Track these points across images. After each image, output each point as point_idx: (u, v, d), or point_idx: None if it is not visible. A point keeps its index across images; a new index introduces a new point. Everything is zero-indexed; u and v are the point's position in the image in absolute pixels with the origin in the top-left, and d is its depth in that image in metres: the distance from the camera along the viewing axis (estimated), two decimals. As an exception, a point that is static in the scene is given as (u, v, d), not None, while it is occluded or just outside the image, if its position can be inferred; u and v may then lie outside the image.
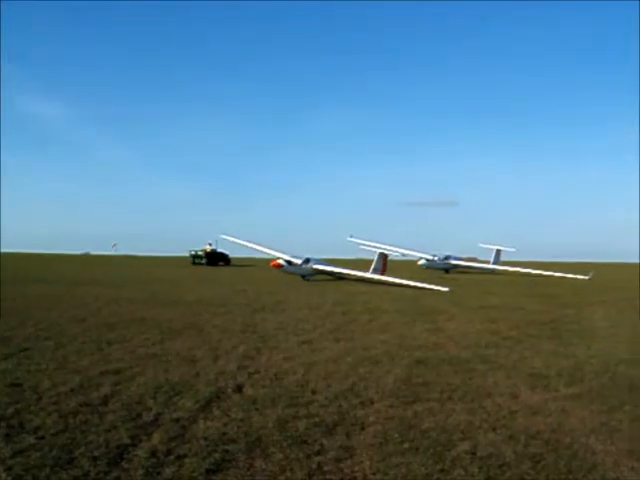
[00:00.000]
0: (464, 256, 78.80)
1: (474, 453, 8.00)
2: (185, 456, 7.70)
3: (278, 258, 48.97)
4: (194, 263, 79.55)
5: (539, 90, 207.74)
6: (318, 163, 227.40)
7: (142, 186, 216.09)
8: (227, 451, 7.94)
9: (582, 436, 8.85)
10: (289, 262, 47.72)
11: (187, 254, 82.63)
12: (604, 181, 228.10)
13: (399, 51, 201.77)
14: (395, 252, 55.98)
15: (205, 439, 8.37)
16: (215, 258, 79.27)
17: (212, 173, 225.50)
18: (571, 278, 57.10)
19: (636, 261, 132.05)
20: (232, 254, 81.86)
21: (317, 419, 9.38)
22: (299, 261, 47.74)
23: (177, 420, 9.20)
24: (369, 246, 55.47)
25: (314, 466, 7.50)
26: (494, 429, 9.03)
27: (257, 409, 9.93)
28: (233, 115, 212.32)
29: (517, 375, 12.79)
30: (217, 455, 7.76)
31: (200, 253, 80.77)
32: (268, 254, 55.41)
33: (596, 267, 71.90)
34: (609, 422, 9.58)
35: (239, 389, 11.23)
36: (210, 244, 79.45)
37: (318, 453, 7.93)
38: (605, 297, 35.34)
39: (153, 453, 7.75)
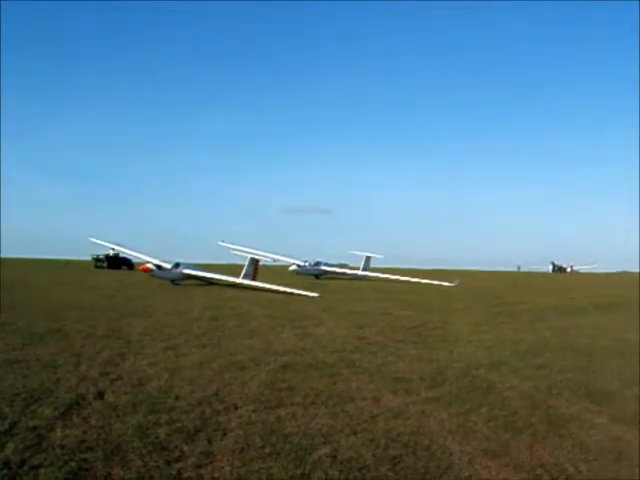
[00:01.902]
0: (335, 262, 79.74)
1: (335, 457, 8.08)
2: (40, 466, 7.43)
3: (148, 262, 48.18)
4: (96, 267, 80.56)
5: (408, 103, 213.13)
6: (199, 166, 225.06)
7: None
8: (85, 460, 7.71)
9: (440, 438, 9.09)
10: (158, 266, 46.93)
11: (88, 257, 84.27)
12: (470, 192, 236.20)
13: (277, 56, 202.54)
14: (266, 257, 56.02)
15: (62, 448, 8.10)
16: (117, 262, 79.86)
17: (85, 175, 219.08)
18: (437, 285, 58.62)
19: (501, 268, 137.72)
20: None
21: (179, 425, 9.25)
22: (169, 265, 47.05)
23: (34, 428, 8.86)
24: (240, 251, 55.27)
25: (174, 473, 7.40)
26: (355, 433, 9.15)
27: (118, 416, 9.70)
28: (113, 115, 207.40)
29: (380, 379, 13.01)
30: (74, 464, 7.52)
31: (102, 257, 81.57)
32: (140, 259, 54.48)
33: (462, 274, 74.27)
34: (466, 423, 9.89)
35: (100, 395, 10.94)
36: (113, 249, 78.18)
37: (178, 459, 7.82)
38: (470, 303, 36.44)
39: (5, 464, 7.44)
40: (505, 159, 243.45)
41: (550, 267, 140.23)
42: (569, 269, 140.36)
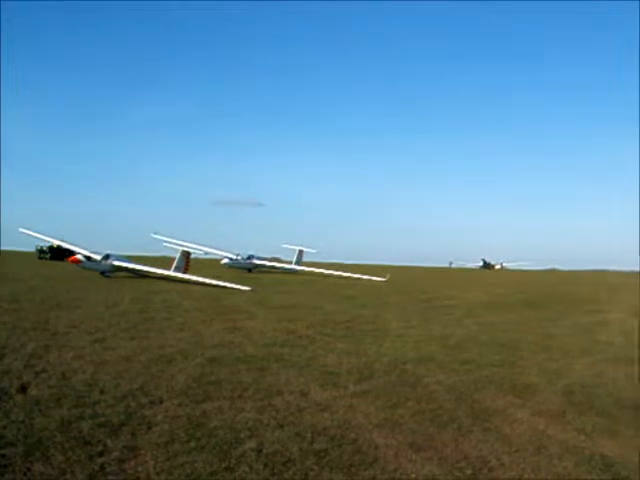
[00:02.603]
0: (268, 256, 79.60)
1: (260, 450, 8.07)
2: (-46, 464, 7.24)
3: (78, 253, 47.27)
4: (40, 258, 77.53)
5: (341, 97, 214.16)
6: (130, 157, 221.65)
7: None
8: (3, 455, 7.54)
9: (366, 431, 9.16)
10: (88, 258, 45.97)
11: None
12: (404, 188, 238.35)
13: (211, 50, 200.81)
14: (198, 250, 55.57)
15: (-21, 444, 7.92)
16: (60, 254, 77.11)
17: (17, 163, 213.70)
18: (369, 279, 58.95)
19: (433, 264, 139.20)
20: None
21: (103, 419, 9.12)
22: (98, 257, 46.18)
23: (-50, 425, 8.65)
24: (173, 243, 54.67)
25: (96, 467, 7.29)
26: (282, 426, 9.15)
27: (40, 410, 9.52)
28: (49, 103, 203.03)
29: (309, 373, 13.04)
30: (-9, 460, 7.35)
31: (45, 248, 78.55)
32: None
33: (394, 269, 74.90)
34: (393, 417, 9.98)
35: (23, 389, 10.71)
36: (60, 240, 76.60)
37: (101, 454, 7.71)
38: (400, 298, 36.73)
39: None
40: (437, 158, 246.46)
41: (481, 263, 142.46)
42: (499, 266, 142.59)
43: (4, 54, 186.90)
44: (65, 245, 57.17)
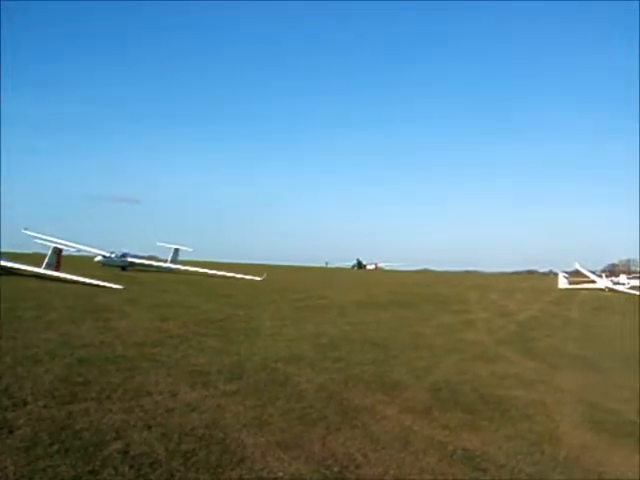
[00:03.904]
0: (143, 254, 78.39)
1: (127, 452, 7.93)
2: None
3: None
4: None
5: (230, 95, 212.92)
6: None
7: None
8: None
9: (235, 431, 9.14)
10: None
11: None
12: (284, 189, 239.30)
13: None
14: (70, 247, 54.17)
15: None
16: None
17: None
18: (245, 279, 58.94)
19: (310, 264, 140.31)
20: None
21: (-40, 425, 8.76)
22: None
23: None
24: (45, 240, 53.04)
25: (-51, 477, 6.98)
26: (149, 427, 9.02)
27: None
28: None
29: (179, 373, 12.89)
30: None
31: None
32: None
33: (270, 269, 75.13)
34: (262, 416, 10.00)
35: None
36: None
37: (-43, 462, 7.39)
38: (275, 297, 36.92)
39: None
40: (317, 158, 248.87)
41: (354, 263, 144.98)
42: (374, 266, 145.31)
43: None
44: None
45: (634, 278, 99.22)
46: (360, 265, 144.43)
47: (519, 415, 11.17)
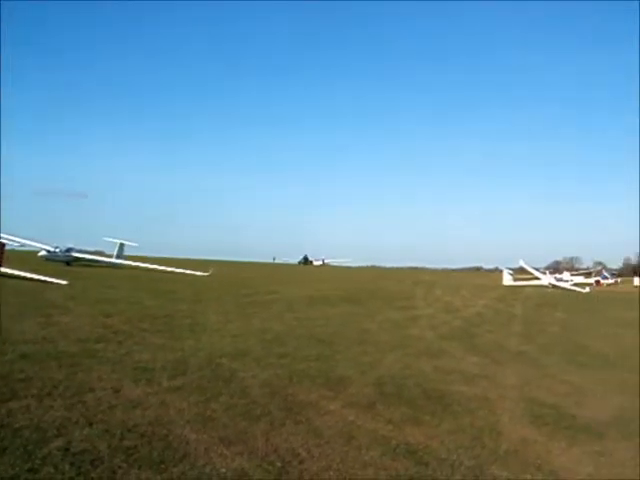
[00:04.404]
0: (89, 249, 77.37)
1: (67, 449, 7.83)
2: None
3: None
4: None
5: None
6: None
7: None
8: None
9: (178, 427, 9.09)
10: None
11: None
12: (231, 183, 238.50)
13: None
14: (13, 242, 53.26)
15: None
16: None
17: None
18: (191, 274, 58.61)
19: (258, 259, 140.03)
20: None
21: None
22: None
23: None
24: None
25: None
26: (91, 424, 8.91)
27: None
28: None
29: (122, 369, 12.75)
30: None
31: None
32: None
33: (218, 264, 74.81)
34: (205, 412, 9.96)
35: None
36: None
37: None
38: (222, 293, 36.80)
39: None
40: (269, 154, 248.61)
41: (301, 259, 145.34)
42: (319, 262, 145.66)
43: None
44: None
45: (577, 275, 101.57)
46: (307, 261, 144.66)
47: (461, 410, 11.31)
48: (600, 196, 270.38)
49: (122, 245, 76.03)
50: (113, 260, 73.47)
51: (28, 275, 38.89)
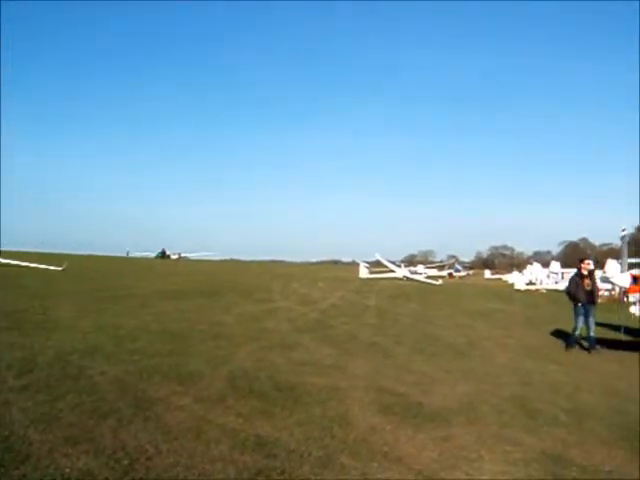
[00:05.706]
0: None
1: None
2: None
3: None
4: None
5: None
6: None
7: None
8: None
9: (21, 428, 8.87)
10: None
11: None
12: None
13: None
14: None
15: None
16: None
17: None
18: (44, 268, 56.67)
19: (111, 253, 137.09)
20: None
21: None
22: None
23: None
24: None
25: None
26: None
27: None
28: None
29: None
30: None
31: None
32: None
33: (71, 258, 72.56)
34: (51, 411, 9.76)
35: None
36: None
37: None
38: (76, 288, 35.74)
39: None
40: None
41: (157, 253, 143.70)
42: (176, 256, 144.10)
43: None
44: None
45: (431, 268, 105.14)
46: (164, 255, 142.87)
47: (312, 401, 11.54)
48: (457, 192, 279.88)
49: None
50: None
51: None
